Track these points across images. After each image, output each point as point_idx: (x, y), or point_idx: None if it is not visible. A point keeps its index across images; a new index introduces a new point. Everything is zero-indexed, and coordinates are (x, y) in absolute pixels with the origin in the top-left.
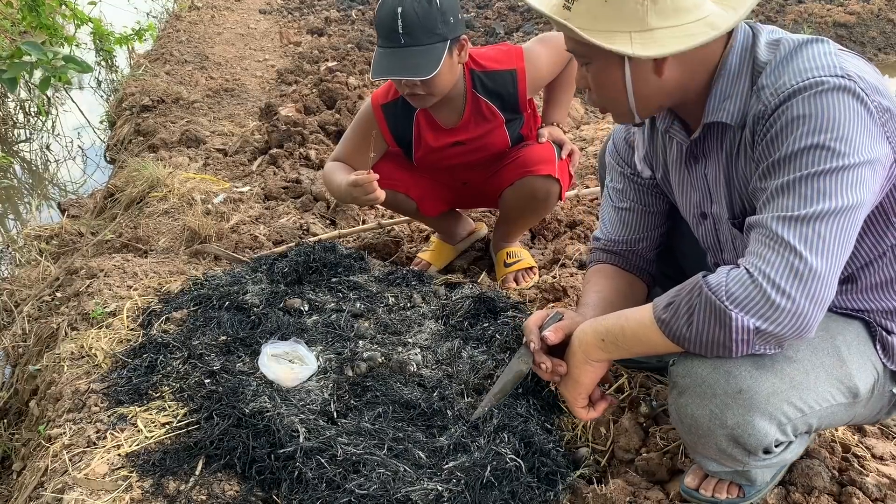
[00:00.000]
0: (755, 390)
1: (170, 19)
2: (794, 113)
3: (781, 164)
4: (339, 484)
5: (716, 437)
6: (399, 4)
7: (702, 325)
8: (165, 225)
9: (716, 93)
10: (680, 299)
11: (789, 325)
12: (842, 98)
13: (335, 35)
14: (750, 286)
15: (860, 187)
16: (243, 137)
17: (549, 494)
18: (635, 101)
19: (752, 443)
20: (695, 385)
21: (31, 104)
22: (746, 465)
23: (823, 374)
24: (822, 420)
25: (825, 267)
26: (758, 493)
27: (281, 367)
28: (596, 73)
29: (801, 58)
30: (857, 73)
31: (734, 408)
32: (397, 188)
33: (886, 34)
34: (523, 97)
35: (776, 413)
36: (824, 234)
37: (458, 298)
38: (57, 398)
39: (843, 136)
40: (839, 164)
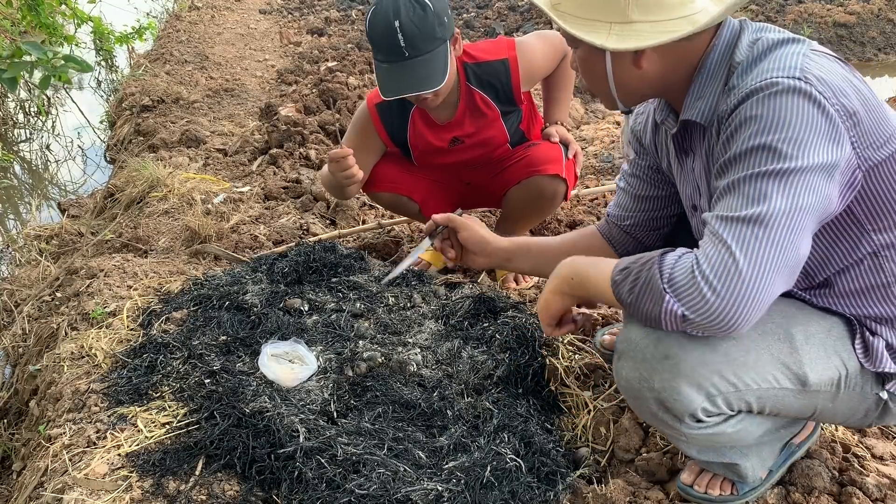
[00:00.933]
0: (681, 357)
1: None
2: (747, 113)
3: (730, 164)
4: (339, 484)
5: (646, 401)
6: (395, 18)
7: (640, 297)
8: (165, 225)
9: (692, 91)
10: (634, 267)
11: (712, 320)
12: (793, 99)
13: (335, 35)
14: (688, 275)
15: (806, 192)
16: (243, 137)
17: (549, 494)
18: (616, 90)
19: (677, 408)
20: (629, 349)
21: (31, 104)
22: (678, 431)
23: (767, 355)
24: (765, 402)
25: (754, 270)
26: (753, 492)
27: (281, 367)
28: (581, 59)
29: (769, 58)
30: (820, 75)
31: (661, 372)
32: (400, 191)
33: (886, 34)
34: (517, 87)
35: (704, 382)
36: (760, 238)
37: (458, 298)
38: (57, 398)
39: (790, 138)
40: (784, 166)
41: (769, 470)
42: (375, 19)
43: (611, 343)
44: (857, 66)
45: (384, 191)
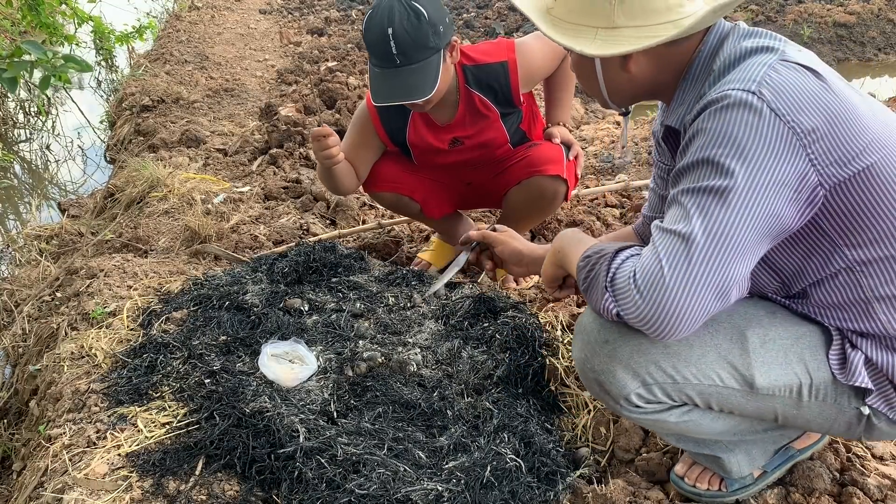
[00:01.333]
0: (619, 344)
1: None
2: (699, 126)
3: (678, 175)
4: (339, 484)
5: (589, 380)
6: (388, 25)
7: (589, 288)
8: (165, 225)
9: (677, 97)
10: (593, 258)
11: (642, 324)
12: (742, 114)
13: (335, 35)
14: (626, 280)
15: (745, 210)
16: (243, 137)
17: (549, 494)
18: (607, 93)
19: (612, 390)
20: (580, 331)
21: (31, 104)
22: (619, 411)
23: (713, 353)
24: (710, 398)
25: (679, 285)
26: (743, 491)
27: (281, 367)
28: (574, 62)
29: (737, 69)
30: (780, 88)
31: (600, 355)
32: (401, 191)
33: (886, 34)
34: (516, 89)
35: (639, 370)
36: (691, 255)
37: (458, 298)
38: (57, 398)
39: (735, 154)
40: (725, 183)
41: (763, 470)
42: (370, 23)
43: None
44: (857, 66)
45: (386, 191)
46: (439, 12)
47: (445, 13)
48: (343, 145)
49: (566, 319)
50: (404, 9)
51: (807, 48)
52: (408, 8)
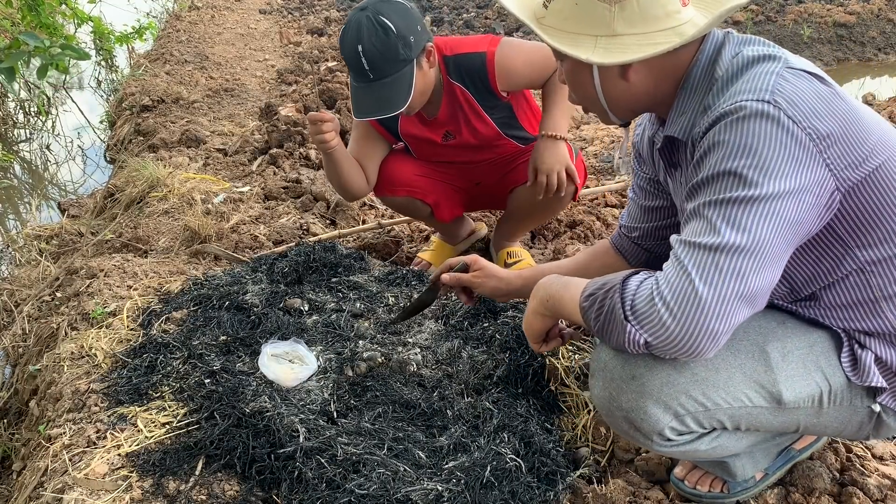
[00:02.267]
0: (647, 378)
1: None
2: (716, 138)
3: (698, 188)
4: (339, 484)
5: (616, 419)
6: (358, 42)
7: (605, 325)
8: (165, 225)
9: (676, 106)
10: (598, 294)
11: (674, 346)
12: (761, 124)
13: (335, 35)
14: (648, 303)
15: (772, 219)
16: (243, 137)
17: (549, 494)
18: (607, 103)
19: (645, 427)
20: (599, 369)
21: (31, 104)
22: (650, 447)
23: (738, 374)
24: (740, 420)
25: (714, 299)
26: (745, 493)
27: (281, 367)
28: (568, 73)
29: (743, 78)
30: (792, 97)
31: (628, 392)
32: (415, 195)
33: (886, 34)
34: (493, 81)
35: (671, 402)
36: (722, 267)
37: (458, 298)
38: (57, 398)
39: (756, 165)
40: (750, 193)
41: (765, 472)
42: (343, 40)
43: None
44: (857, 66)
45: (400, 195)
46: (408, 23)
47: (415, 22)
48: (349, 145)
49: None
50: (372, 24)
51: (807, 48)
52: (375, 23)
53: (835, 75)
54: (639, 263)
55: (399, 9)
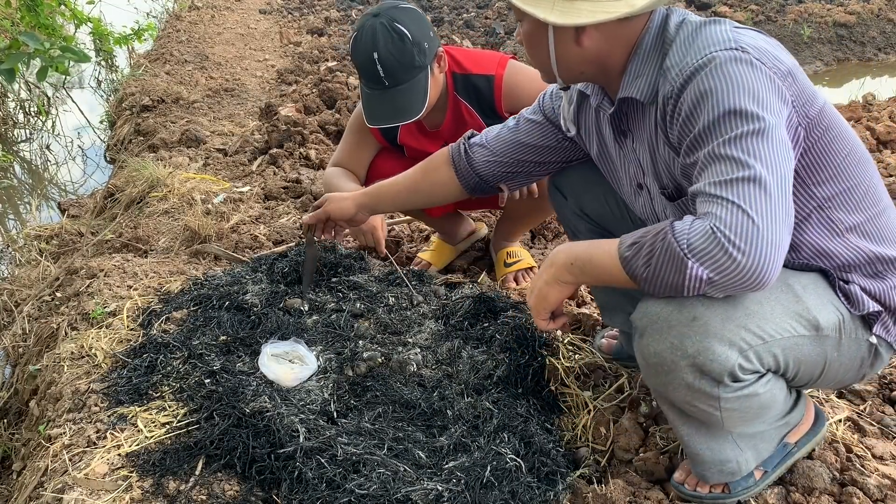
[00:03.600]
0: (708, 316)
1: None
2: (701, 88)
3: (702, 137)
4: (339, 484)
5: (681, 370)
6: (373, 49)
7: (658, 268)
8: (165, 225)
9: (630, 70)
10: (644, 241)
11: (741, 279)
12: (738, 67)
13: (335, 35)
14: (710, 240)
15: (781, 145)
16: (243, 137)
17: (549, 494)
18: (557, 66)
19: (715, 368)
20: (652, 322)
21: (31, 104)
22: (715, 399)
23: (779, 307)
24: (788, 353)
25: (768, 225)
26: (746, 492)
27: (281, 367)
28: (526, 34)
29: (700, 37)
30: (752, 43)
31: (691, 335)
32: None
33: (886, 34)
34: (499, 104)
35: (734, 338)
36: (763, 194)
37: (458, 298)
38: (57, 398)
39: (752, 99)
40: (756, 126)
41: (764, 470)
42: (356, 47)
43: (609, 347)
44: (857, 66)
45: None
46: (422, 29)
47: (428, 27)
48: (341, 152)
49: None
50: (387, 31)
51: (807, 48)
52: (391, 30)
53: (835, 75)
54: (467, 185)
55: (413, 15)
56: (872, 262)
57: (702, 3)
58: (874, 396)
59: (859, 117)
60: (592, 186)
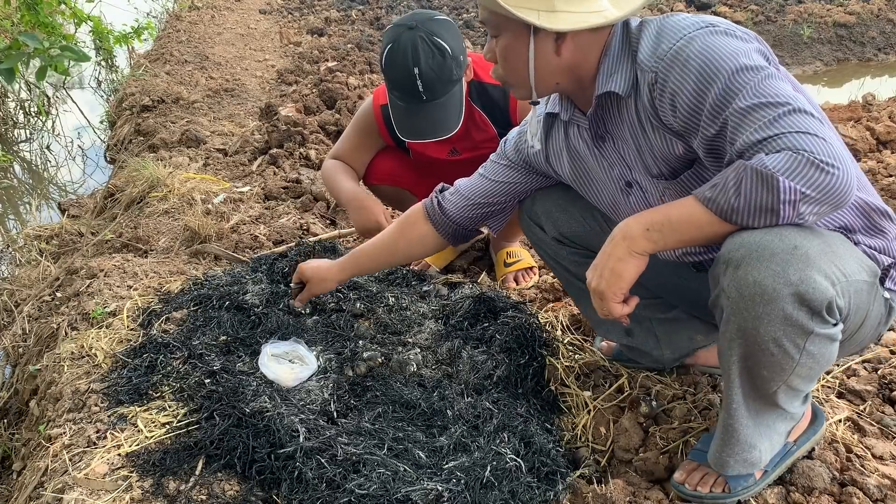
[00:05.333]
0: (808, 246)
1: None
2: (697, 63)
3: (721, 102)
4: (339, 484)
5: (782, 299)
6: (414, 65)
7: (749, 193)
8: (165, 225)
9: (603, 70)
10: (725, 178)
11: (833, 191)
12: (719, 37)
13: (335, 35)
14: (793, 159)
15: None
16: (243, 137)
17: (549, 494)
18: (535, 77)
19: (817, 297)
20: (751, 252)
21: (31, 104)
22: (810, 334)
23: (847, 250)
24: (855, 296)
25: (837, 142)
26: (746, 491)
27: (281, 367)
28: (504, 45)
29: (667, 28)
30: (716, 20)
31: (794, 263)
32: (402, 185)
33: (886, 34)
34: (514, 115)
35: (829, 271)
36: (814, 117)
37: (458, 298)
38: (57, 398)
39: (746, 56)
40: (764, 72)
41: (764, 470)
42: (394, 60)
43: (609, 350)
44: (857, 66)
45: (386, 183)
46: (459, 42)
47: (461, 39)
48: (343, 146)
49: (566, 320)
50: (428, 47)
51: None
52: (431, 45)
53: (835, 75)
54: (446, 235)
55: (449, 27)
56: (868, 213)
57: (701, 3)
58: (874, 396)
59: (859, 117)
60: (568, 207)
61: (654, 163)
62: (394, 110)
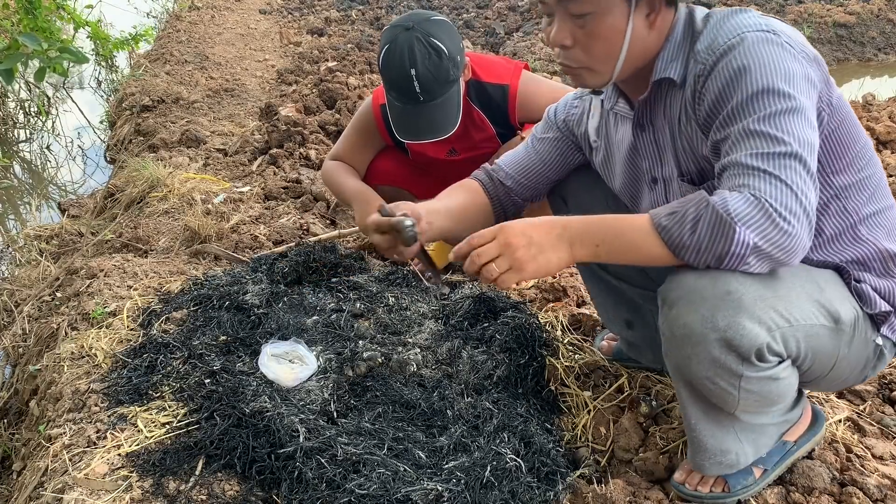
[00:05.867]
0: (742, 292)
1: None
2: (734, 66)
3: (738, 112)
4: (339, 484)
5: (708, 343)
6: (411, 66)
7: (703, 234)
8: (165, 225)
9: (663, 56)
10: (684, 210)
11: (783, 248)
12: (769, 47)
13: (335, 35)
14: (755, 207)
15: (812, 126)
16: (243, 137)
17: (549, 494)
18: (626, 55)
19: (744, 344)
20: (685, 294)
21: (31, 104)
22: (741, 377)
23: (804, 294)
24: (808, 341)
25: (808, 200)
26: (745, 491)
27: (281, 367)
28: (597, 25)
29: (730, 22)
30: (781, 27)
31: (724, 309)
32: (400, 184)
33: (886, 34)
34: (513, 114)
35: (764, 317)
36: (801, 170)
37: (458, 298)
38: (57, 398)
39: (784, 78)
40: (792, 104)
41: (763, 469)
42: (391, 61)
43: (609, 349)
44: (857, 66)
45: (385, 183)
46: (456, 43)
47: (459, 39)
48: (343, 146)
49: (566, 320)
50: (425, 48)
51: None
52: (428, 46)
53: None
54: (500, 207)
55: (446, 28)
56: (884, 258)
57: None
58: (874, 396)
59: (859, 117)
60: (593, 188)
61: (684, 159)
62: (391, 111)
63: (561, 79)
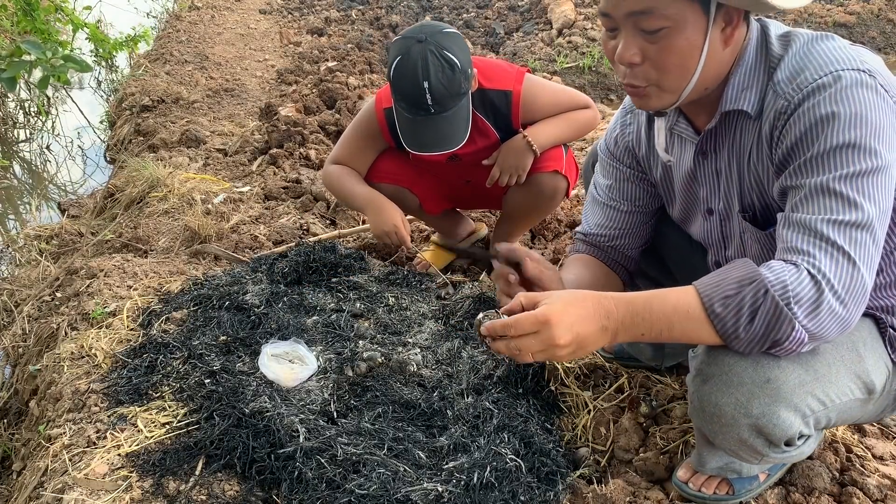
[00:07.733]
0: (783, 380)
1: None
2: (823, 110)
3: (818, 163)
4: (339, 484)
5: (739, 427)
6: (424, 79)
7: (760, 327)
8: (165, 225)
9: (734, 83)
10: (741, 295)
11: (837, 331)
12: (865, 93)
13: (335, 35)
14: (815, 290)
15: (892, 186)
16: (243, 137)
17: (549, 494)
18: (701, 72)
19: (776, 434)
20: (721, 373)
21: (31, 104)
22: (765, 456)
23: (843, 368)
24: (839, 415)
25: (870, 277)
26: (749, 493)
27: (281, 367)
28: (672, 40)
29: (817, 52)
30: (876, 67)
31: (761, 397)
32: (401, 184)
33: (886, 34)
34: (516, 119)
35: (801, 405)
36: (870, 243)
37: (458, 298)
38: (57, 398)
39: (873, 133)
40: (876, 164)
41: (767, 472)
42: (404, 72)
43: (609, 348)
44: None
45: (386, 182)
46: (466, 55)
47: (469, 52)
48: (343, 149)
49: None
50: (438, 61)
51: None
52: (441, 59)
53: None
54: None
55: (458, 41)
56: None
57: None
58: None
59: None
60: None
61: (748, 195)
62: (400, 122)
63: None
